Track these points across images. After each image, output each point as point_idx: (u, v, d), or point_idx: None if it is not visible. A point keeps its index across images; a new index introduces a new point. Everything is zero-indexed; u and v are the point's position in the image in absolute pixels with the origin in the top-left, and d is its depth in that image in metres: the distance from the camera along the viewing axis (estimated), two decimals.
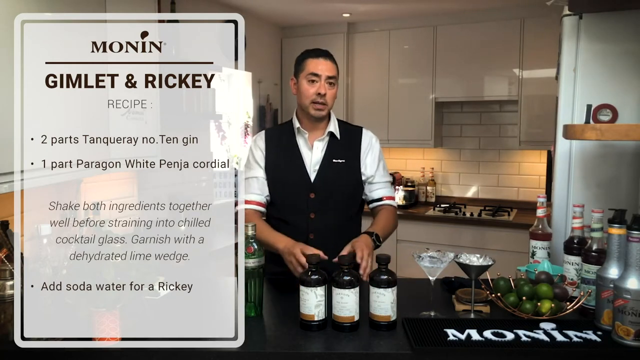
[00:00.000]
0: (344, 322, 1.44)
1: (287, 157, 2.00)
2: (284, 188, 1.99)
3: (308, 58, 1.96)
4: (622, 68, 2.10)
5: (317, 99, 1.93)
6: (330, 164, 1.98)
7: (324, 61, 1.94)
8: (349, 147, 2.03)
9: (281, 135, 2.05)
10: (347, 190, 2.01)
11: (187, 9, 3.33)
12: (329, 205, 1.96)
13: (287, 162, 1.99)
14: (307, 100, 1.95)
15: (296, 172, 1.97)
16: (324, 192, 1.96)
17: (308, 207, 1.95)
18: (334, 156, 1.99)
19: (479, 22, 4.13)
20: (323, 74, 1.92)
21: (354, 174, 2.01)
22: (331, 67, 1.94)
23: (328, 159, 1.99)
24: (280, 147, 2.02)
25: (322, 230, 1.95)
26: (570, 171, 2.18)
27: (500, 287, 1.58)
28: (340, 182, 1.98)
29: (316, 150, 2.00)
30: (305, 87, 1.95)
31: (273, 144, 2.02)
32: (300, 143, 2.01)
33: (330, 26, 4.55)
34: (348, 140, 2.03)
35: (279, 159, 2.00)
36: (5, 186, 1.76)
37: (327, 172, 1.97)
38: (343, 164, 1.99)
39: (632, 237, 1.34)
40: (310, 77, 1.93)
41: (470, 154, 4.58)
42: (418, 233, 4.18)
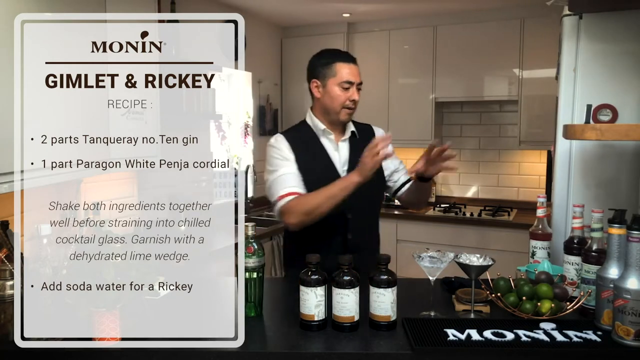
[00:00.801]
0: (344, 322, 1.44)
1: (316, 159, 1.97)
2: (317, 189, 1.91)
3: (338, 62, 1.93)
4: (622, 68, 2.10)
5: (350, 105, 1.94)
6: (356, 163, 1.92)
7: (355, 67, 1.94)
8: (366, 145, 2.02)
9: (302, 138, 2.00)
10: (375, 188, 2.01)
11: (187, 9, 3.33)
12: (364, 203, 1.96)
13: (318, 165, 1.96)
14: (339, 106, 1.94)
15: (328, 174, 1.94)
16: (357, 191, 1.90)
17: (345, 208, 1.90)
18: (358, 155, 1.95)
19: (479, 22, 4.13)
20: (356, 81, 1.93)
21: (377, 171, 1.97)
22: (358, 72, 1.96)
23: (353, 158, 1.96)
24: (306, 149, 1.97)
25: (359, 230, 1.97)
26: (570, 171, 2.18)
27: (500, 287, 1.58)
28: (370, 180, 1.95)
29: (342, 150, 2.00)
30: (338, 94, 1.93)
31: (297, 146, 1.97)
32: (325, 144, 1.99)
33: (330, 26, 4.55)
34: (364, 139, 2.02)
35: (308, 162, 1.95)
36: (5, 186, 1.76)
37: None
38: None
39: (632, 237, 1.34)
40: (345, 84, 1.92)
41: (470, 154, 4.58)
42: (418, 233, 4.18)
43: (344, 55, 1.96)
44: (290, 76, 4.74)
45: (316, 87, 1.96)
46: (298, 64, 4.67)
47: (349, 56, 1.96)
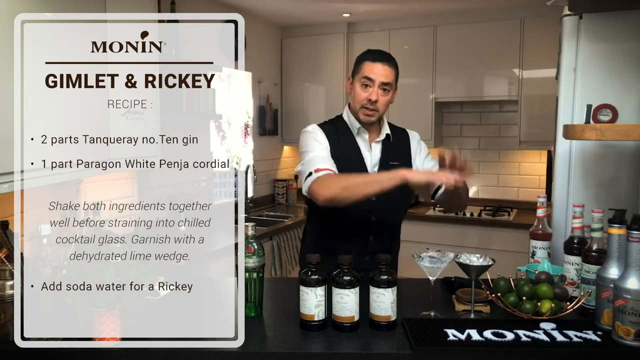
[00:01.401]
0: (344, 322, 1.44)
1: (348, 155, 1.95)
2: None
3: (365, 60, 1.90)
4: (622, 68, 2.10)
5: (367, 104, 1.89)
6: (387, 166, 1.95)
7: (381, 65, 1.87)
8: (401, 150, 2.03)
9: (338, 132, 1.98)
10: (402, 192, 1.94)
11: (187, 9, 3.33)
12: (388, 207, 1.94)
13: (350, 161, 1.94)
14: (358, 104, 1.91)
15: (358, 172, 1.91)
16: (384, 194, 1.89)
17: (370, 209, 1.91)
18: (390, 158, 1.97)
19: (479, 22, 4.13)
20: (377, 80, 1.86)
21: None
22: (388, 72, 1.87)
23: (385, 160, 1.97)
24: (340, 144, 1.95)
25: (381, 233, 1.95)
26: (570, 171, 2.18)
27: (500, 287, 1.58)
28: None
29: (375, 150, 1.98)
30: (358, 91, 1.90)
31: (333, 138, 1.95)
32: (360, 143, 1.98)
33: (330, 26, 4.55)
34: (398, 142, 2.03)
35: (341, 156, 1.92)
36: (5, 186, 1.76)
37: None
38: (398, 166, 1.95)
39: (632, 237, 1.34)
40: (364, 80, 1.88)
41: (470, 154, 4.58)
42: (418, 233, 4.18)
43: (375, 53, 1.91)
44: (290, 76, 4.74)
45: (350, 84, 1.97)
46: (298, 64, 4.69)
47: (380, 55, 1.90)
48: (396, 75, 1.92)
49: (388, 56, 1.92)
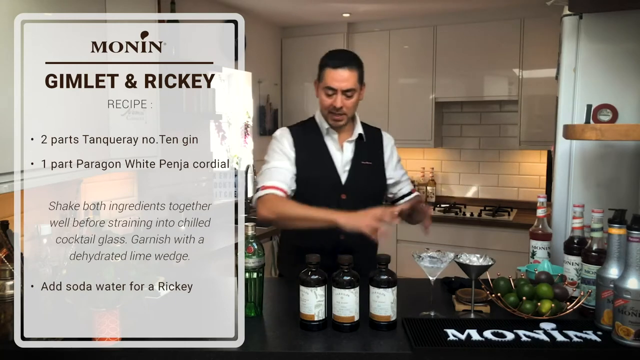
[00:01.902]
0: (344, 322, 1.44)
1: (317, 157, 1.96)
2: (315, 189, 1.94)
3: (327, 67, 1.87)
4: (622, 68, 2.10)
5: (333, 110, 1.89)
6: (359, 166, 1.97)
7: (342, 72, 1.84)
8: (374, 150, 2.03)
9: (307, 134, 1.99)
10: (374, 192, 2.02)
11: (187, 9, 3.33)
12: (359, 206, 1.93)
13: (318, 163, 1.96)
14: (325, 110, 1.92)
15: (327, 173, 1.95)
16: (354, 193, 1.94)
17: (339, 208, 1.89)
18: (362, 158, 1.98)
19: (479, 22, 4.13)
20: (339, 88, 1.85)
21: (379, 176, 2.02)
22: (348, 77, 1.85)
23: (357, 160, 1.97)
24: (309, 146, 1.97)
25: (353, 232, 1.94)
26: (570, 171, 2.18)
27: (500, 287, 1.58)
28: (368, 184, 1.98)
29: (346, 151, 1.98)
30: (323, 98, 1.90)
31: (300, 141, 1.97)
32: (329, 143, 1.98)
33: (330, 26, 4.55)
34: (371, 142, 2.03)
35: (309, 159, 1.95)
36: (5, 186, 1.76)
37: (356, 174, 1.96)
38: (370, 166, 1.99)
39: (632, 237, 1.34)
40: (327, 90, 1.87)
41: (470, 154, 4.58)
42: (418, 233, 4.15)
43: (335, 59, 1.88)
44: (290, 76, 4.74)
45: (316, 88, 1.96)
46: (298, 64, 4.68)
47: (340, 60, 1.87)
48: (360, 75, 1.89)
49: (349, 58, 1.89)
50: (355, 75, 1.87)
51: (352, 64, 1.87)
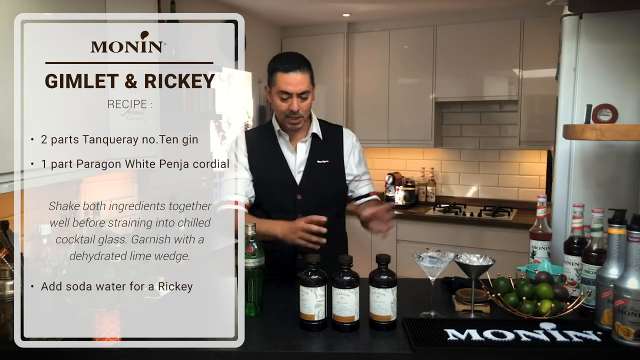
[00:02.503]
0: (344, 322, 1.44)
1: (271, 159, 1.99)
2: (270, 190, 1.98)
3: (278, 72, 1.88)
4: (622, 68, 2.10)
5: (290, 114, 1.90)
6: (314, 165, 1.98)
7: (294, 75, 1.85)
8: (332, 148, 2.03)
9: (261, 137, 2.03)
10: (333, 190, 2.02)
11: (187, 9, 3.32)
12: (316, 205, 1.93)
13: (271, 165, 1.98)
14: (281, 115, 1.93)
15: (281, 175, 1.97)
16: (310, 193, 1.96)
17: (295, 208, 1.94)
18: (318, 157, 1.99)
19: (479, 22, 4.13)
20: (294, 92, 1.86)
21: (338, 174, 2.02)
22: (301, 80, 1.86)
23: (312, 160, 1.99)
24: (262, 150, 2.00)
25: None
26: (570, 171, 2.18)
27: (500, 287, 1.58)
28: (325, 183, 1.99)
29: (300, 151, 1.99)
30: (278, 103, 1.90)
31: (254, 146, 2.01)
32: (282, 145, 2.00)
33: (330, 26, 4.55)
34: (330, 140, 2.03)
35: (262, 162, 1.99)
36: (5, 186, 1.75)
37: (312, 174, 1.97)
38: (327, 164, 2.00)
39: (632, 237, 1.34)
40: (281, 94, 1.88)
41: (470, 154, 4.58)
42: (418, 233, 4.18)
43: (285, 63, 1.87)
44: None
45: (268, 93, 1.96)
46: None
47: (291, 64, 1.86)
48: (311, 76, 1.91)
49: (299, 61, 1.90)
50: (307, 77, 1.89)
51: (303, 66, 1.89)
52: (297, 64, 1.87)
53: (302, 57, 1.93)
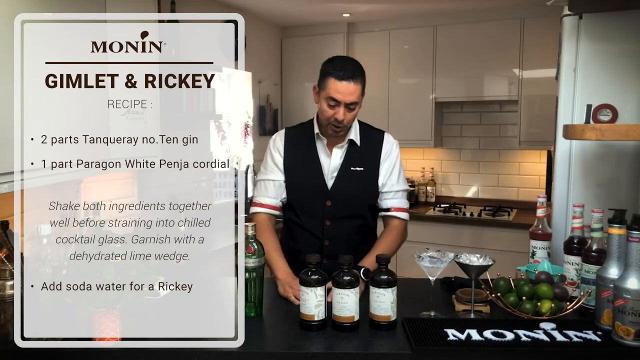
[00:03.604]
0: (344, 322, 1.44)
1: (305, 162, 1.95)
2: (301, 193, 1.95)
3: (330, 77, 1.79)
4: (622, 68, 2.10)
5: (334, 122, 1.83)
6: (348, 172, 1.93)
7: (347, 85, 1.77)
8: (369, 154, 1.97)
9: (300, 137, 1.99)
10: (364, 198, 1.97)
11: (187, 9, 3.32)
12: (345, 213, 1.93)
13: (305, 168, 1.95)
14: (325, 120, 1.86)
15: (313, 179, 1.93)
16: (340, 200, 1.92)
17: (324, 214, 1.92)
18: (353, 164, 1.94)
19: (479, 22, 4.13)
20: (343, 101, 1.78)
21: (372, 181, 1.95)
22: (353, 91, 1.78)
23: (346, 166, 1.93)
24: (299, 151, 1.97)
25: (337, 238, 1.93)
26: (570, 171, 2.18)
27: (500, 287, 1.58)
28: (357, 191, 1.93)
29: (335, 157, 1.94)
30: (324, 108, 1.83)
31: (292, 146, 1.97)
32: (319, 148, 1.96)
33: (330, 26, 4.55)
34: (368, 146, 1.97)
35: (297, 163, 1.96)
36: (5, 186, 1.75)
37: (344, 180, 1.93)
38: (361, 171, 1.94)
39: (632, 237, 1.34)
40: (330, 100, 1.80)
41: (470, 154, 4.58)
42: (418, 233, 4.17)
43: (341, 70, 1.78)
44: (290, 76, 4.74)
45: (316, 94, 1.90)
46: (298, 64, 4.68)
47: (345, 73, 1.78)
48: (363, 86, 1.83)
49: (354, 70, 1.81)
50: (359, 87, 1.81)
51: (358, 75, 1.80)
52: (351, 73, 1.78)
53: (358, 64, 1.84)
